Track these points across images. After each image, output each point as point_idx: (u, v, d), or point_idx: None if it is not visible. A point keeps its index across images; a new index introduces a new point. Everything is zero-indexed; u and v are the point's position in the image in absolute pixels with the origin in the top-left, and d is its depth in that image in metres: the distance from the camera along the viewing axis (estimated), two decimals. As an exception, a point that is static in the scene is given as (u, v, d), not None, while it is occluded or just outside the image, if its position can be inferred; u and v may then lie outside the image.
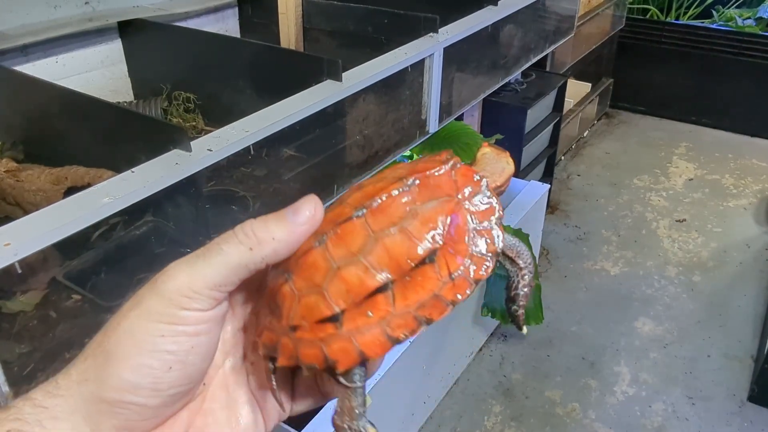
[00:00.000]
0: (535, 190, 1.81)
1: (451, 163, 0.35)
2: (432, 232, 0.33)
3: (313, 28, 1.37)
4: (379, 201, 0.33)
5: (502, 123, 2.00)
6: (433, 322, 0.33)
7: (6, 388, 0.63)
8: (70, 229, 0.63)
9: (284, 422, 1.10)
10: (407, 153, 1.57)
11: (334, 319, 0.32)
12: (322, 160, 1.02)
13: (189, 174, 0.74)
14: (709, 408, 1.57)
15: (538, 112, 2.14)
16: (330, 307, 0.32)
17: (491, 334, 1.79)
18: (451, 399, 1.60)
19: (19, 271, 0.60)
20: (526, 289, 0.39)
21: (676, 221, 2.29)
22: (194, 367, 0.32)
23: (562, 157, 2.69)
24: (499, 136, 1.75)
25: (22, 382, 0.65)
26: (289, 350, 0.33)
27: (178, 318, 0.31)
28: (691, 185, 2.51)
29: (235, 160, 0.81)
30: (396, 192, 0.33)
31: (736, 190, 2.48)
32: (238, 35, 1.49)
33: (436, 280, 0.33)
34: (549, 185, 1.94)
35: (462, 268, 0.33)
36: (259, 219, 0.32)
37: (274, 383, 0.35)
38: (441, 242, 0.33)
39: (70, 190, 0.83)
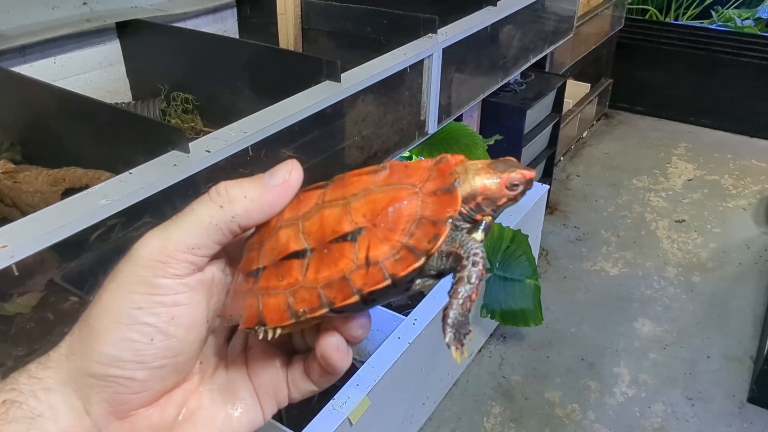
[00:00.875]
0: (535, 191, 1.81)
1: (440, 158, 0.33)
2: (368, 213, 0.31)
3: (312, 28, 1.37)
4: (347, 177, 0.33)
5: (502, 123, 2.00)
6: (335, 307, 0.31)
7: (3, 391, 0.63)
8: (67, 231, 0.62)
9: (283, 423, 1.10)
10: (406, 154, 1.57)
11: (255, 273, 0.33)
12: (321, 161, 1.01)
13: (187, 175, 0.74)
14: (708, 409, 1.57)
15: (537, 113, 2.14)
16: (258, 261, 0.33)
17: (491, 335, 1.79)
18: (450, 400, 1.60)
19: (16, 273, 0.60)
20: (460, 292, 0.31)
21: (676, 222, 2.29)
22: (177, 339, 0.32)
23: (562, 158, 2.68)
24: (498, 137, 1.75)
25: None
26: (228, 300, 0.34)
27: (154, 287, 0.30)
28: (690, 186, 2.51)
29: (234, 162, 0.81)
30: (367, 172, 0.33)
31: (736, 191, 2.48)
32: (236, 36, 1.49)
33: (350, 260, 0.31)
34: (548, 186, 1.94)
35: (383, 257, 0.30)
36: (234, 180, 0.32)
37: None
38: (370, 224, 0.31)
39: (68, 192, 0.83)
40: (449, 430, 1.52)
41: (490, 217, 0.33)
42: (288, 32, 1.34)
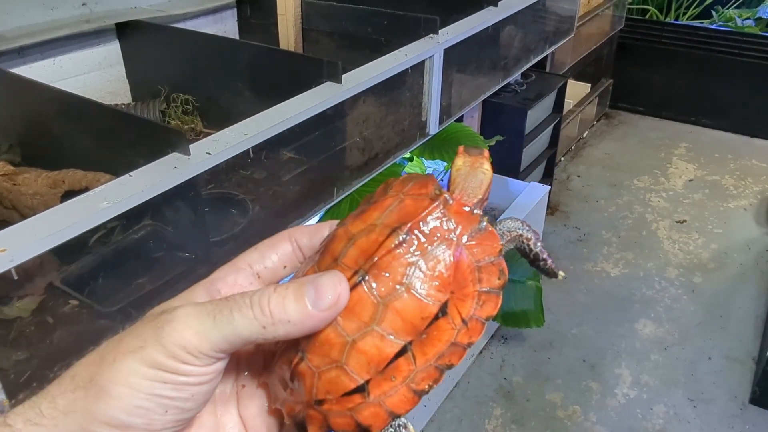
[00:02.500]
0: (535, 192, 1.81)
1: (440, 200, 0.34)
2: (439, 285, 0.33)
3: (313, 29, 1.37)
4: (379, 260, 0.32)
5: (502, 124, 1.99)
6: (453, 366, 0.34)
7: (2, 396, 0.62)
8: (67, 234, 0.62)
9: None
10: (407, 155, 1.56)
11: (360, 389, 0.33)
12: (321, 163, 1.01)
13: (188, 178, 0.73)
14: (710, 410, 1.57)
15: (538, 113, 2.13)
16: (354, 380, 0.33)
17: (492, 336, 1.78)
18: (451, 402, 1.59)
19: (16, 277, 0.59)
20: (539, 245, 0.39)
21: (677, 222, 2.29)
22: (191, 412, 0.32)
23: (562, 158, 2.68)
24: (499, 137, 1.74)
25: (19, 390, 0.65)
26: (318, 421, 0.34)
27: (182, 371, 0.30)
28: (691, 186, 2.51)
29: (234, 163, 0.80)
30: (392, 246, 0.32)
31: (737, 191, 2.48)
32: (236, 37, 1.48)
33: (451, 330, 0.33)
34: (549, 186, 1.93)
35: (473, 310, 0.33)
36: (279, 292, 0.31)
37: None
38: (448, 294, 0.33)
39: (68, 194, 0.82)
40: (450, 432, 1.52)
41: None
42: (288, 33, 1.33)
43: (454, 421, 1.54)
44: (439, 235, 0.33)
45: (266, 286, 0.31)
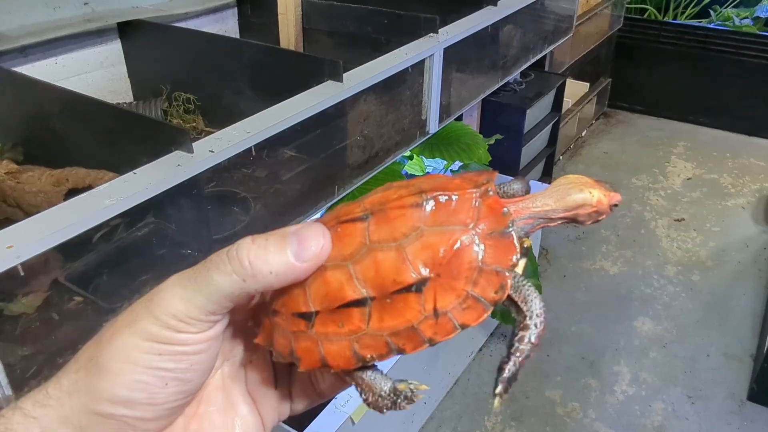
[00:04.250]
0: (534, 190, 1.81)
1: (483, 188, 0.32)
2: (428, 261, 0.30)
3: (313, 28, 1.37)
4: (389, 210, 0.31)
5: (501, 123, 2.00)
6: (405, 353, 0.31)
7: (9, 391, 0.63)
8: (72, 231, 0.62)
9: (285, 423, 1.10)
10: (407, 153, 1.57)
11: (307, 316, 0.32)
12: (322, 161, 1.02)
13: (191, 175, 0.74)
14: (708, 407, 1.58)
15: (536, 112, 2.14)
16: (306, 304, 0.32)
17: (491, 333, 1.79)
18: (451, 399, 1.60)
19: (22, 274, 0.60)
20: (522, 344, 0.32)
21: (675, 220, 2.30)
22: (192, 383, 0.31)
23: (561, 157, 2.69)
24: (498, 136, 1.75)
25: (25, 385, 0.65)
26: (267, 331, 0.33)
27: (176, 340, 0.30)
28: (689, 184, 2.52)
29: (237, 162, 0.81)
30: (410, 205, 0.31)
31: (735, 189, 2.49)
32: (237, 36, 1.49)
33: (418, 312, 0.30)
34: (548, 185, 1.94)
35: (451, 308, 0.30)
36: (258, 242, 0.30)
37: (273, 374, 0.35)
38: (433, 274, 0.30)
39: (71, 192, 0.83)
40: (450, 429, 1.53)
41: (530, 241, 0.34)
42: (289, 32, 1.34)
43: (453, 418, 1.55)
44: (459, 216, 0.31)
45: (243, 238, 0.30)
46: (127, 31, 1.21)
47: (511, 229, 0.32)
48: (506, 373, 0.32)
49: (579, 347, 1.75)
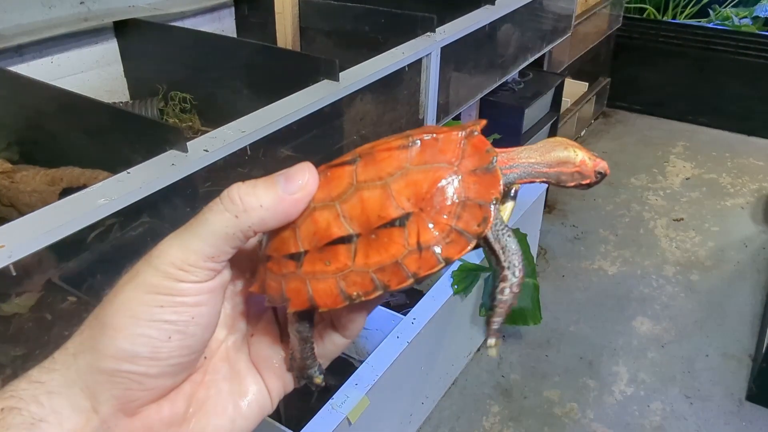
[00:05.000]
0: (533, 190, 1.81)
1: (469, 130, 0.33)
2: (412, 196, 0.31)
3: (310, 27, 1.37)
4: (376, 152, 0.32)
5: (500, 122, 2.00)
6: (390, 289, 0.32)
7: (1, 392, 0.63)
8: (65, 231, 0.62)
9: (282, 423, 1.10)
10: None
11: (296, 257, 0.32)
12: (319, 161, 1.01)
13: (185, 175, 0.74)
14: (707, 407, 1.57)
15: (535, 112, 2.14)
16: (296, 244, 0.32)
17: (489, 334, 1.78)
18: (449, 399, 1.60)
19: (14, 273, 0.60)
20: (503, 295, 0.33)
21: (674, 220, 2.29)
22: (195, 338, 0.32)
23: (560, 157, 2.68)
24: (497, 136, 1.75)
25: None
26: (261, 278, 0.34)
27: (177, 290, 0.30)
28: (688, 184, 2.51)
29: (232, 161, 0.81)
30: (397, 147, 0.32)
31: (734, 189, 2.48)
32: (234, 35, 1.49)
33: (401, 246, 0.31)
34: (546, 184, 1.94)
35: (434, 241, 0.31)
36: (248, 182, 0.31)
37: (294, 332, 0.35)
38: (417, 209, 0.31)
39: (66, 191, 0.82)
40: (448, 430, 1.52)
41: (518, 186, 0.35)
42: (286, 31, 1.33)
43: (451, 419, 1.55)
44: (444, 155, 0.32)
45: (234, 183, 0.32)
46: (123, 30, 1.21)
47: (494, 165, 0.32)
48: (495, 325, 0.34)
49: (577, 347, 1.75)
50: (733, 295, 1.94)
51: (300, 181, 0.31)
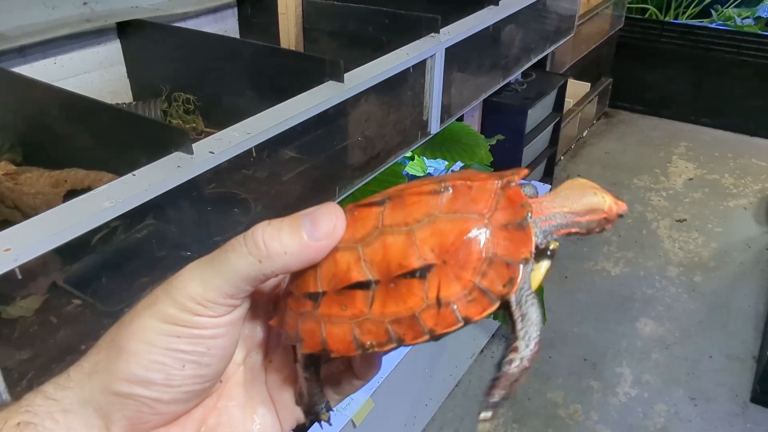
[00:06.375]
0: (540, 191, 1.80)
1: (506, 180, 0.31)
2: (436, 247, 0.29)
3: (313, 28, 1.36)
4: (406, 195, 0.31)
5: (503, 123, 1.99)
6: (405, 344, 0.30)
7: (6, 395, 0.62)
8: (71, 234, 0.62)
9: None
10: (408, 154, 1.56)
11: (314, 297, 0.32)
12: (323, 162, 1.01)
13: (191, 177, 0.73)
14: (711, 409, 1.57)
15: (538, 112, 2.13)
16: (315, 284, 0.32)
17: (492, 335, 1.78)
18: (453, 401, 1.59)
19: (19, 277, 0.59)
20: (510, 367, 0.30)
21: (677, 221, 2.29)
22: (210, 368, 0.32)
23: (562, 157, 2.68)
24: (500, 137, 1.74)
25: (23, 390, 0.64)
26: (281, 313, 0.34)
27: (194, 323, 0.30)
28: (691, 185, 2.51)
29: (237, 163, 0.80)
30: (427, 192, 0.30)
31: (736, 190, 2.48)
32: (237, 36, 1.48)
33: (420, 299, 0.29)
34: (549, 186, 1.93)
35: (455, 298, 0.29)
36: (273, 225, 0.30)
37: (301, 369, 0.34)
38: (440, 261, 0.29)
39: (70, 193, 0.82)
40: (452, 431, 1.52)
41: (557, 243, 0.32)
42: (289, 32, 1.33)
43: (455, 420, 1.54)
44: (475, 205, 0.30)
45: (260, 223, 0.31)
46: (127, 31, 1.21)
47: (528, 222, 0.30)
48: (495, 398, 0.30)
49: (581, 349, 1.74)
50: (737, 296, 1.94)
51: (326, 228, 0.30)
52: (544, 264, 0.32)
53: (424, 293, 0.29)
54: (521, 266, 0.29)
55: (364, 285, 0.30)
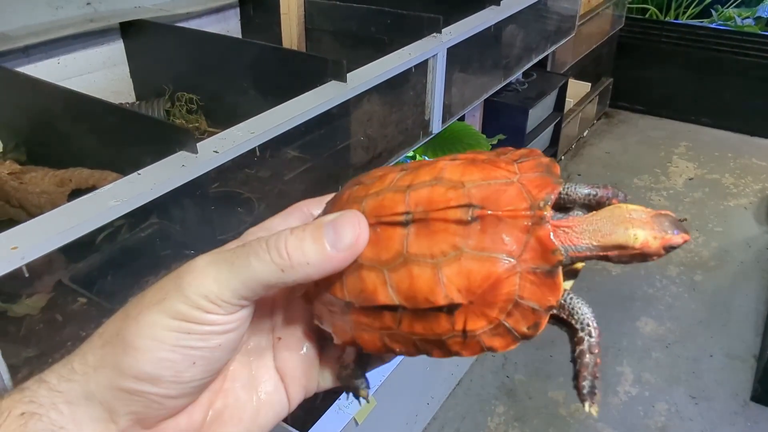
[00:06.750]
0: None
1: (537, 215, 0.29)
2: (463, 288, 0.29)
3: (316, 28, 1.37)
4: (432, 221, 0.30)
5: (504, 123, 2.00)
6: (431, 356, 0.31)
7: (13, 393, 0.63)
8: (77, 232, 0.62)
9: (289, 424, 1.10)
10: (410, 153, 1.57)
11: (341, 303, 0.32)
12: (326, 161, 1.01)
13: (195, 176, 0.73)
14: (712, 408, 1.57)
15: (539, 112, 2.14)
16: (342, 292, 0.32)
17: (493, 334, 1.79)
18: (454, 400, 1.60)
19: (26, 275, 0.60)
20: (584, 359, 0.32)
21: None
22: (220, 362, 0.31)
23: (563, 157, 2.68)
24: (501, 136, 1.75)
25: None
26: (309, 293, 0.34)
27: (205, 320, 0.30)
28: (691, 185, 2.51)
29: (240, 162, 0.81)
30: (454, 218, 0.29)
31: (737, 190, 2.48)
32: (240, 36, 1.49)
33: (447, 329, 0.30)
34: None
35: (480, 331, 0.30)
36: (296, 234, 0.30)
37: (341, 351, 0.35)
38: (465, 300, 0.29)
39: (75, 193, 0.82)
40: (453, 430, 1.52)
41: (583, 263, 0.32)
42: (291, 32, 1.33)
43: (456, 419, 1.55)
44: (504, 245, 0.29)
45: (283, 230, 0.30)
46: (130, 31, 1.21)
47: (558, 270, 0.29)
48: (586, 390, 0.32)
49: (582, 348, 1.75)
50: (737, 295, 1.94)
51: (349, 239, 0.30)
52: (569, 284, 0.32)
53: (451, 325, 0.30)
54: (548, 313, 0.30)
55: (391, 308, 0.31)
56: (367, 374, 0.37)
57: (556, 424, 1.54)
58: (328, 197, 0.37)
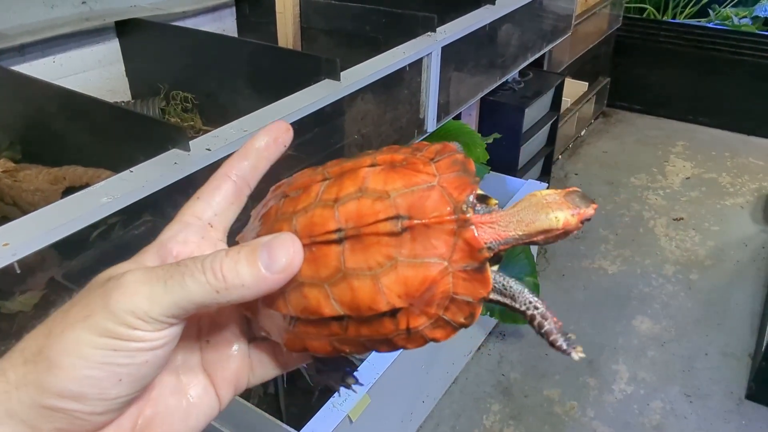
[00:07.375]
0: (533, 189, 1.81)
1: (460, 219, 0.31)
2: (402, 294, 0.31)
3: (311, 27, 1.37)
4: (364, 236, 0.31)
5: (500, 122, 2.00)
6: (380, 352, 0.34)
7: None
8: (68, 229, 0.63)
9: (283, 422, 1.10)
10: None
11: (286, 318, 0.33)
12: (320, 160, 1.02)
13: (188, 173, 0.74)
14: (707, 406, 1.58)
15: (535, 111, 2.14)
16: (286, 307, 0.32)
17: (489, 332, 1.79)
18: (449, 398, 1.60)
19: (18, 271, 0.60)
20: (544, 328, 0.34)
21: (674, 220, 2.30)
22: (147, 378, 0.31)
23: (560, 156, 2.69)
24: (497, 135, 1.75)
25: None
26: (260, 317, 0.35)
27: (132, 336, 0.29)
28: (688, 184, 2.52)
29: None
30: (385, 231, 0.31)
31: (733, 189, 2.49)
32: (235, 35, 1.49)
33: (392, 329, 0.32)
34: (546, 184, 1.94)
35: (422, 326, 0.32)
36: (231, 256, 0.30)
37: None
38: (405, 303, 0.31)
39: (69, 190, 0.83)
40: (449, 428, 1.53)
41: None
42: (287, 31, 1.34)
43: (452, 417, 1.55)
44: (435, 250, 0.31)
45: (218, 250, 0.30)
46: (125, 29, 1.22)
47: (485, 267, 0.32)
48: (564, 345, 0.34)
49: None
50: (733, 294, 1.95)
51: (283, 259, 0.30)
52: (496, 267, 0.34)
53: (395, 326, 0.32)
54: (481, 303, 0.32)
55: (337, 318, 0.32)
56: (364, 374, 0.38)
57: (552, 422, 1.54)
58: (246, 147, 0.37)
